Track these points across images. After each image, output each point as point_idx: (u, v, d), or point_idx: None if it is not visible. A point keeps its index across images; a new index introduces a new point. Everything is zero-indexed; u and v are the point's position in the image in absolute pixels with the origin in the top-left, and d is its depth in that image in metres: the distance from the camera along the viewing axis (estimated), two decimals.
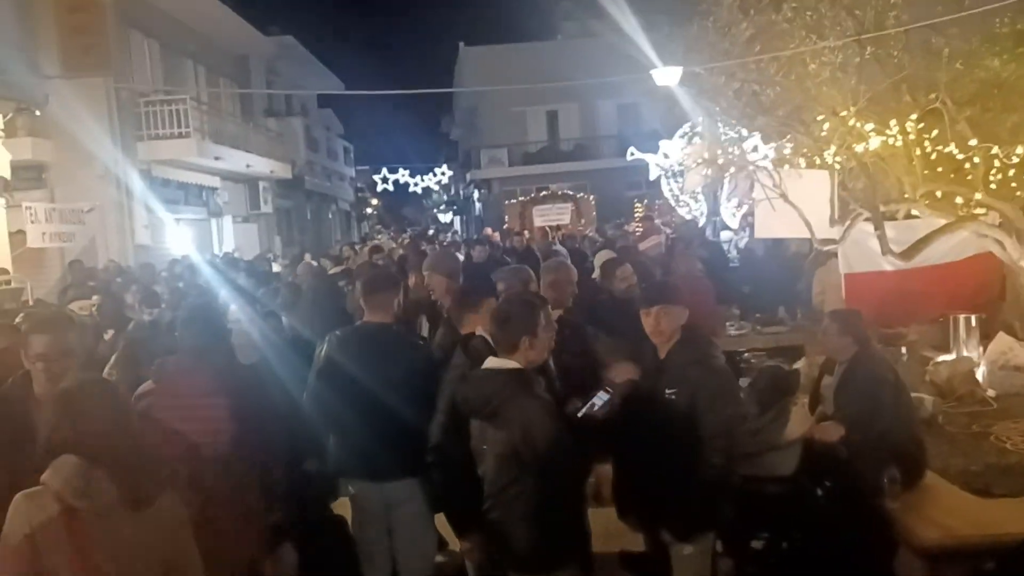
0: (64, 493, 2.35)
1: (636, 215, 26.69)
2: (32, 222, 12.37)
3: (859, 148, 5.50)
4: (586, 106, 31.91)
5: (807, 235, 6.97)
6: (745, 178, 8.23)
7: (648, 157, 15.77)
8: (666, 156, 15.60)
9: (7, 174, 10.97)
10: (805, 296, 8.68)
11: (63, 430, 2.39)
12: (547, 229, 19.88)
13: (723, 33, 6.13)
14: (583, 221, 24.00)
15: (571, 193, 26.48)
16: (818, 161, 6.23)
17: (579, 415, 3.40)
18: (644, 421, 3.54)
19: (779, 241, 9.00)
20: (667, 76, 16.09)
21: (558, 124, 32.64)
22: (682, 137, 14.47)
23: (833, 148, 5.66)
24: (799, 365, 7.45)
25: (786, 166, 6.44)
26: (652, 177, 15.85)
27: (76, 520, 2.36)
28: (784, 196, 6.61)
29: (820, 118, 5.60)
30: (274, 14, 26.98)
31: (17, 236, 12.20)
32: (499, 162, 31.68)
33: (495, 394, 3.14)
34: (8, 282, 7.89)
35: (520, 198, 27.69)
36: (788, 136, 6.49)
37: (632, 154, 15.93)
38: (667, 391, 3.54)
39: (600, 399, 3.45)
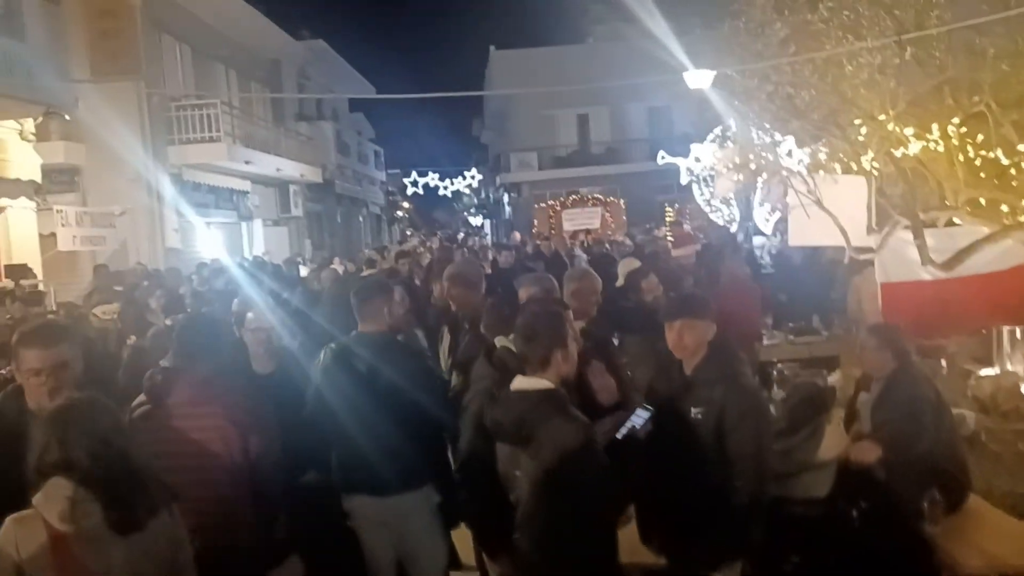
0: (53, 518, 2.25)
1: (667, 220, 26.45)
2: (63, 225, 12.49)
3: (898, 153, 5.26)
4: (616, 109, 31.69)
5: (842, 243, 6.72)
6: (778, 184, 7.98)
7: (679, 161, 15.47)
8: (697, 160, 15.31)
9: (38, 177, 11.04)
10: (840, 305, 8.42)
11: (53, 451, 2.30)
12: (564, 237, 19.75)
13: (756, 34, 5.93)
14: (613, 225, 23.78)
15: (601, 197, 26.26)
16: (855, 167, 5.99)
17: (619, 436, 3.21)
18: (668, 441, 3.36)
19: (815, 248, 8.74)
20: (699, 79, 15.90)
21: (588, 128, 32.43)
22: (713, 141, 14.19)
23: (871, 153, 5.43)
24: (834, 378, 7.22)
25: (821, 171, 6.20)
26: (683, 181, 15.54)
27: (66, 545, 2.26)
28: (819, 202, 6.38)
29: (857, 122, 5.36)
30: (306, 19, 27.19)
31: (48, 239, 12.31)
32: (529, 166, 31.55)
33: (528, 418, 2.93)
34: (35, 286, 7.88)
35: (549, 202, 27.54)
36: (823, 140, 6.26)
37: (663, 158, 15.63)
38: (693, 410, 3.36)
39: (640, 418, 3.27)
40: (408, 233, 46.59)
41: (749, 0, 6.02)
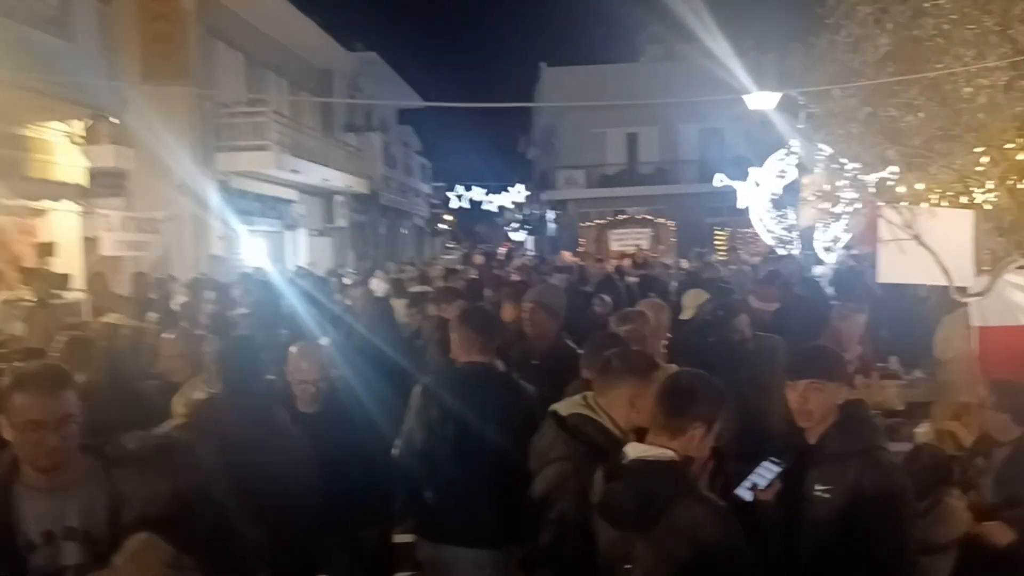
0: None
1: (716, 244, 25.74)
2: (107, 230, 12.30)
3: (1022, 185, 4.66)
4: (667, 129, 31.13)
5: (942, 282, 6.07)
6: (864, 215, 7.35)
7: (736, 184, 14.90)
8: (757, 184, 14.73)
9: (85, 181, 10.83)
10: (925, 345, 7.73)
11: (152, 503, 1.83)
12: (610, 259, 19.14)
13: (855, 49, 5.35)
14: (661, 247, 23.08)
15: (650, 218, 25.60)
16: (963, 199, 5.37)
17: (745, 499, 2.67)
18: (783, 524, 2.80)
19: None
20: (761, 101, 15.35)
21: (638, 147, 31.87)
22: (780, 160, 13.69)
23: (988, 184, 4.83)
24: (922, 431, 6.56)
25: (923, 204, 5.59)
26: (740, 205, 14.96)
27: None
28: (917, 237, 5.76)
29: (979, 150, 4.77)
30: (359, 31, 27.09)
31: (91, 243, 12.11)
32: (575, 183, 31.07)
33: (650, 498, 2.38)
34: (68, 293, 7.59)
35: (596, 221, 27.00)
36: (926, 169, 5.65)
37: (720, 181, 15.09)
38: (817, 488, 2.79)
39: (766, 473, 2.73)
40: (450, 246, 46.47)
41: (847, 12, 5.45)
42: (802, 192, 9.58)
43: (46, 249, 9.12)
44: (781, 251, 14.28)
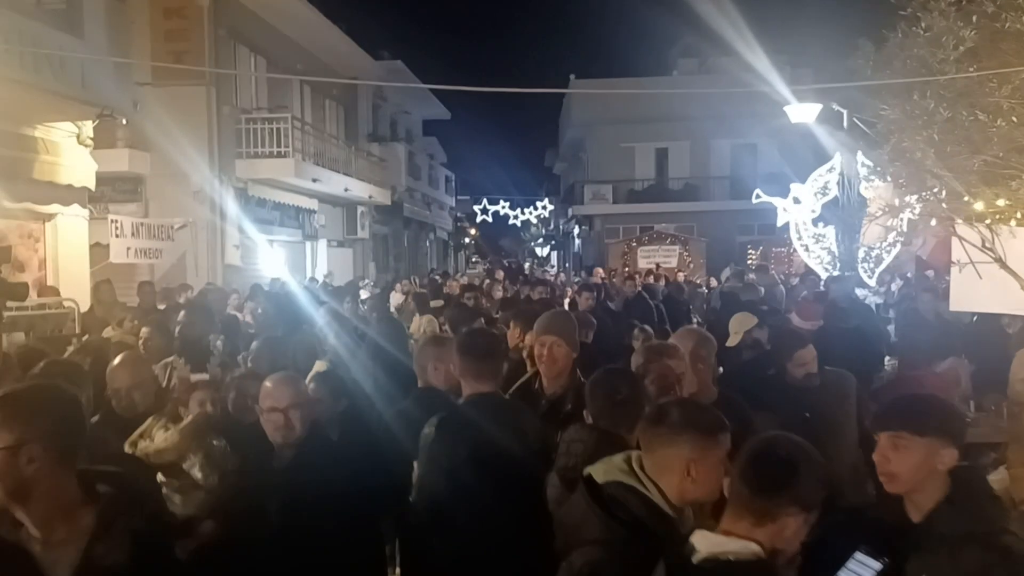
0: None
1: (749, 262, 24.90)
2: (117, 236, 11.86)
3: None
4: (698, 145, 30.41)
5: (1022, 311, 5.37)
6: (932, 235, 6.65)
7: (776, 201, 14.17)
8: (796, 201, 14.01)
9: (91, 184, 10.37)
10: (995, 380, 6.98)
11: None
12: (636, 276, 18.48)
13: (934, 44, 4.69)
14: (691, 266, 22.32)
15: (680, 235, 24.86)
16: None
17: None
18: None
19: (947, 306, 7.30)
20: (802, 113, 14.66)
21: (667, 162, 31.16)
22: (822, 176, 13.02)
23: None
24: (996, 476, 5.84)
25: (1012, 221, 4.90)
26: (780, 223, 14.22)
27: None
28: (1001, 261, 5.07)
29: None
30: (385, 40, 26.71)
31: (99, 250, 11.67)
32: (603, 198, 30.39)
33: None
34: (59, 304, 7.04)
35: (624, 237, 26.31)
36: (1008, 183, 4.95)
37: (758, 197, 14.36)
38: None
39: (864, 573, 2.10)
40: (474, 260, 45.97)
41: (926, 2, 4.78)
42: (868, 207, 8.79)
43: (3, 255, 8.56)
44: (821, 271, 13.53)
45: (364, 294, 15.00)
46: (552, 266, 40.54)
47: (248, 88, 17.15)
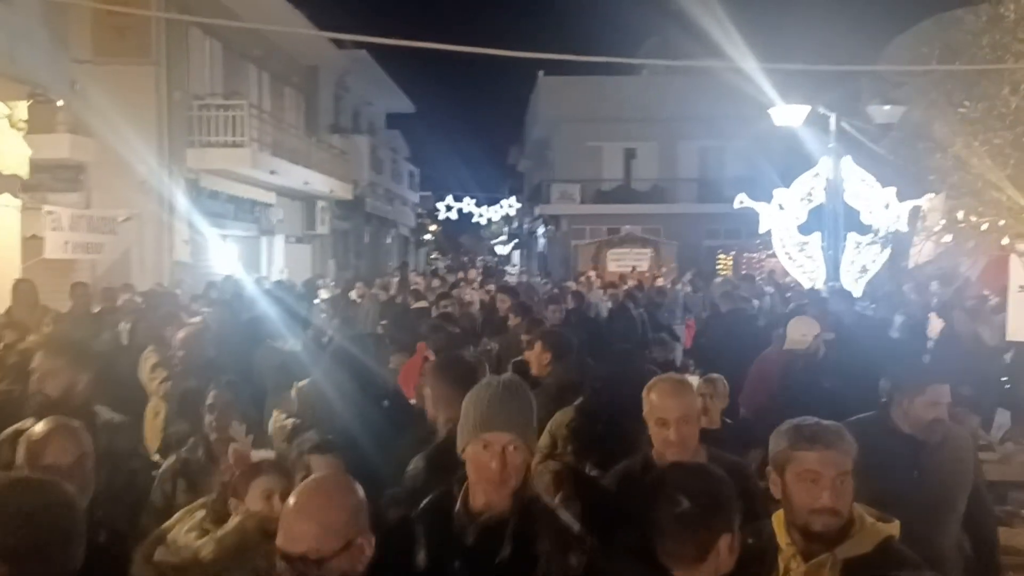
0: None
1: (718, 268, 24.43)
2: (53, 229, 10.80)
3: None
4: (666, 146, 29.92)
5: None
6: (985, 254, 6.04)
7: (760, 206, 13.61)
8: (781, 207, 13.47)
9: (24, 172, 9.33)
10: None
11: None
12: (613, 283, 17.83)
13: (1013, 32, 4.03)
14: (663, 269, 21.68)
15: (651, 238, 24.31)
16: None
17: None
18: None
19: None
20: (788, 115, 14.12)
21: (634, 163, 30.61)
22: (814, 176, 12.62)
23: None
24: None
25: None
26: (762, 229, 13.66)
27: None
28: None
29: None
30: (350, 28, 25.64)
31: (32, 243, 10.60)
32: (570, 198, 29.71)
33: None
34: None
35: (592, 239, 25.70)
36: None
37: (741, 203, 13.75)
38: None
39: None
40: (433, 256, 45.00)
41: None
42: (924, 220, 8.11)
43: None
44: (805, 280, 13.03)
45: (324, 294, 14.13)
46: (514, 265, 39.87)
47: (201, 72, 16.05)
